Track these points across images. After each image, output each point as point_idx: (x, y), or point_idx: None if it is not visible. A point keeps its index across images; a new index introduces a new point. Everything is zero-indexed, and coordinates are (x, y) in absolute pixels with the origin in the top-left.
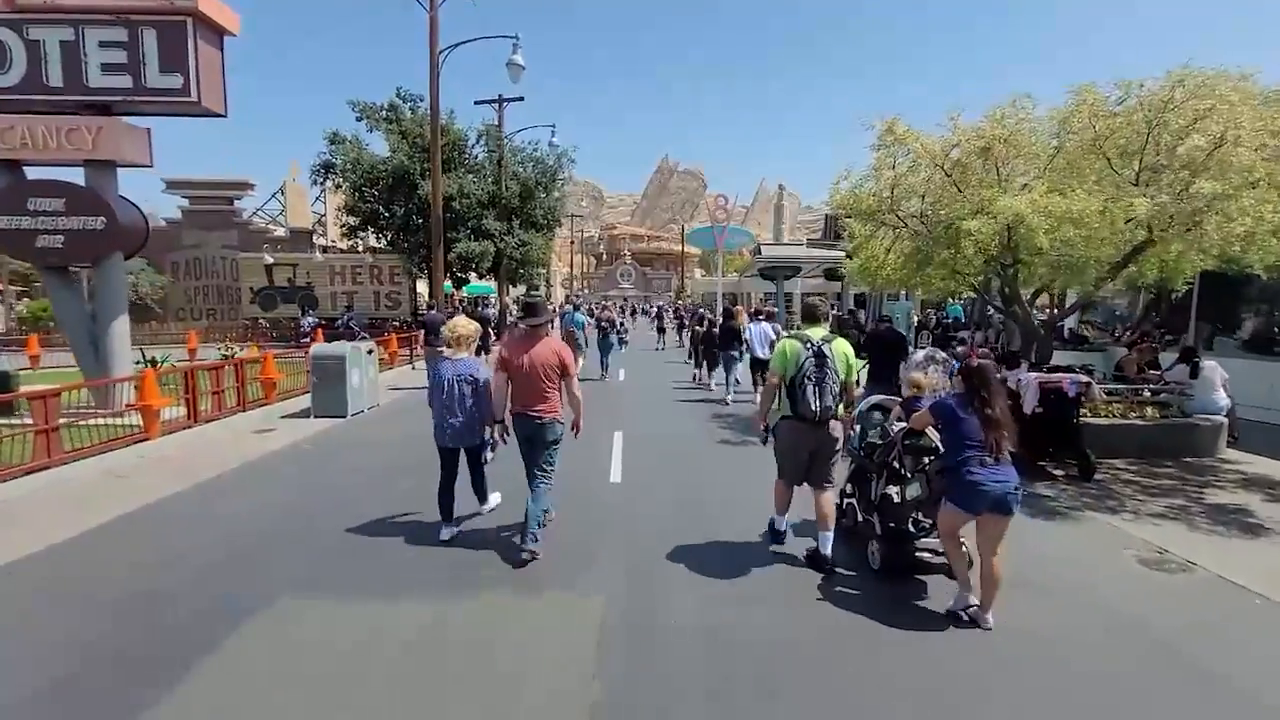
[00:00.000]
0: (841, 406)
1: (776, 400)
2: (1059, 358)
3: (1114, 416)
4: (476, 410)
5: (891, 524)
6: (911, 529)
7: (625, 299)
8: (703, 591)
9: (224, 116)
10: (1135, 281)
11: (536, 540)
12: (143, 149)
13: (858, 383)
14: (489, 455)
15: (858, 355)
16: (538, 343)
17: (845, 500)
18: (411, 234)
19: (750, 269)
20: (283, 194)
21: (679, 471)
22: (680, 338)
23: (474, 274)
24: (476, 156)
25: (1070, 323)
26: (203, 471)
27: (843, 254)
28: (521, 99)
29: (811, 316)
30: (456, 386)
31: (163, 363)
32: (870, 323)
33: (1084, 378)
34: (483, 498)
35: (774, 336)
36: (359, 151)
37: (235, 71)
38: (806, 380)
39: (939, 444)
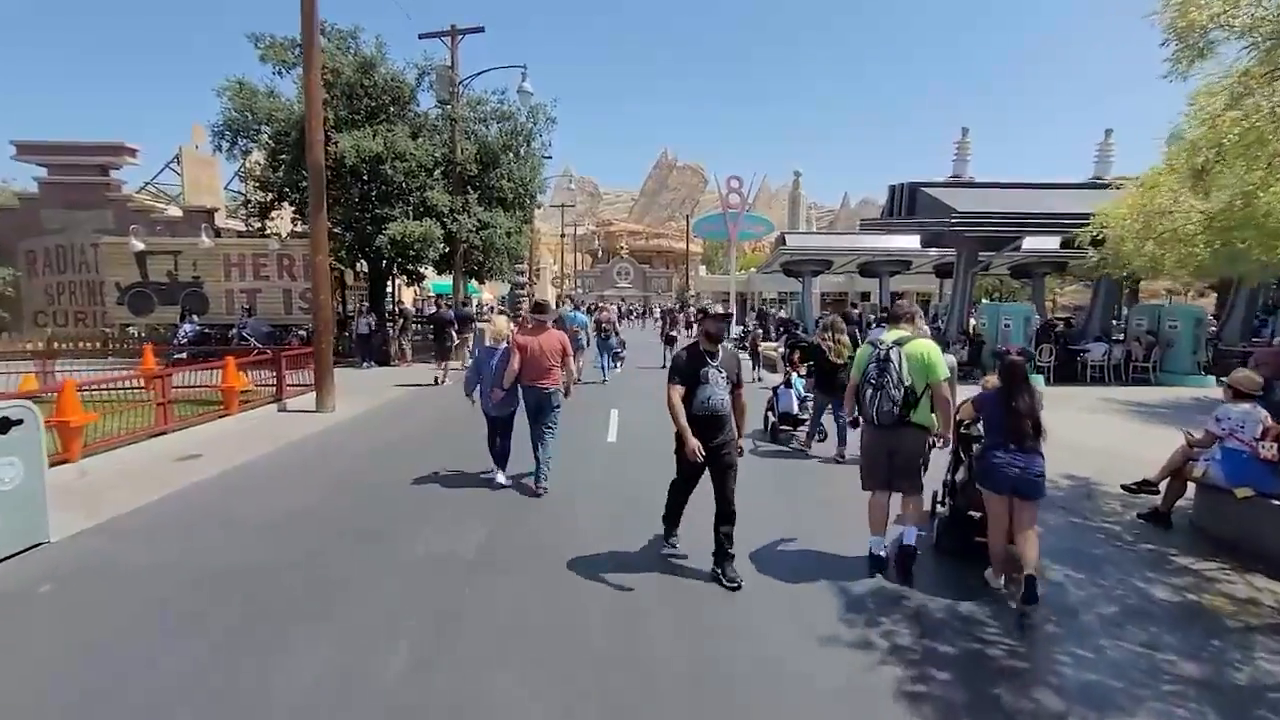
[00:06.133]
0: (929, 414)
1: None
2: None
3: None
4: (514, 386)
5: (967, 510)
6: (977, 516)
7: (623, 299)
8: None
9: None
10: None
11: (546, 479)
12: None
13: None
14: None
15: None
16: (544, 332)
17: (944, 489)
18: (331, 210)
19: (771, 263)
20: (178, 164)
21: None
22: None
23: (429, 267)
24: (428, 113)
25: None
26: None
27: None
28: (481, 29)
29: (894, 317)
30: (499, 369)
31: None
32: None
33: None
34: (504, 464)
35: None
36: (256, 99)
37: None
38: (868, 384)
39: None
